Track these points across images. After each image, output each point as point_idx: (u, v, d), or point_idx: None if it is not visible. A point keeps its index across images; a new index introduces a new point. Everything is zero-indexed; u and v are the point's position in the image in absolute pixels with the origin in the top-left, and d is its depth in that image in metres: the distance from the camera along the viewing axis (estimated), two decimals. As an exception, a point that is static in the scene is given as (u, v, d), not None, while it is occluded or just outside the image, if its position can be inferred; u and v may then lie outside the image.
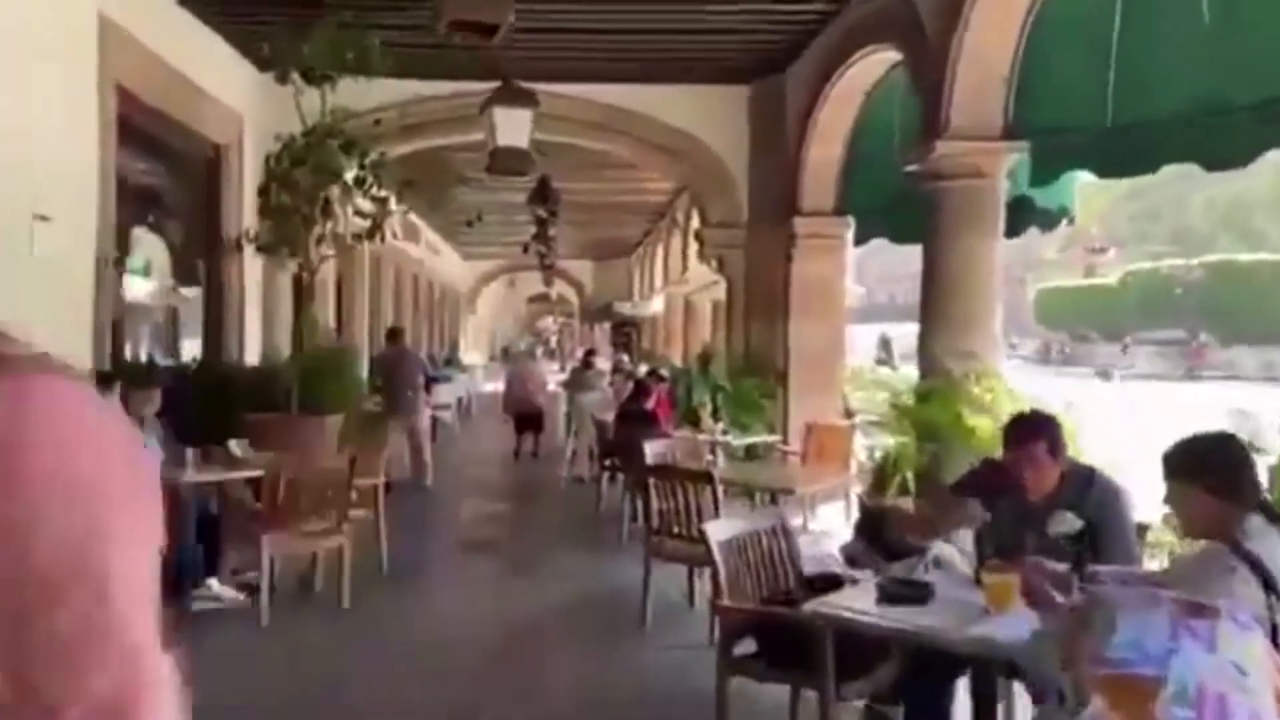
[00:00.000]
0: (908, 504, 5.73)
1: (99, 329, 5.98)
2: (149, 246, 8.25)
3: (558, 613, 5.87)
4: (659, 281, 20.55)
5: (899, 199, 7.00)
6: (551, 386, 20.52)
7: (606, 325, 29.26)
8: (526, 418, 12.93)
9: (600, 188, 15.86)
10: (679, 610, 5.47)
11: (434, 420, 14.23)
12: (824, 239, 8.86)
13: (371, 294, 15.46)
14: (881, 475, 6.69)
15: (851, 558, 4.91)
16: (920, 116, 5.96)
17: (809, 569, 3.72)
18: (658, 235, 20.96)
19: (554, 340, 48.06)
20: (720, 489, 5.09)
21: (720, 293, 13.04)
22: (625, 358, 15.03)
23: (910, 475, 6.14)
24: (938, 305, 5.88)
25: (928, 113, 5.82)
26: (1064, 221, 6.66)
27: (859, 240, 8.81)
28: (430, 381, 14.56)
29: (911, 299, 7.34)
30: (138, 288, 7.86)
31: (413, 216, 18.74)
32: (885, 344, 26.83)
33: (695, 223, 14.37)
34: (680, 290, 17.38)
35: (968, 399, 5.45)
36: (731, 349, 9.89)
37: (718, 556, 3.37)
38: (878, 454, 7.05)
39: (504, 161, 7.23)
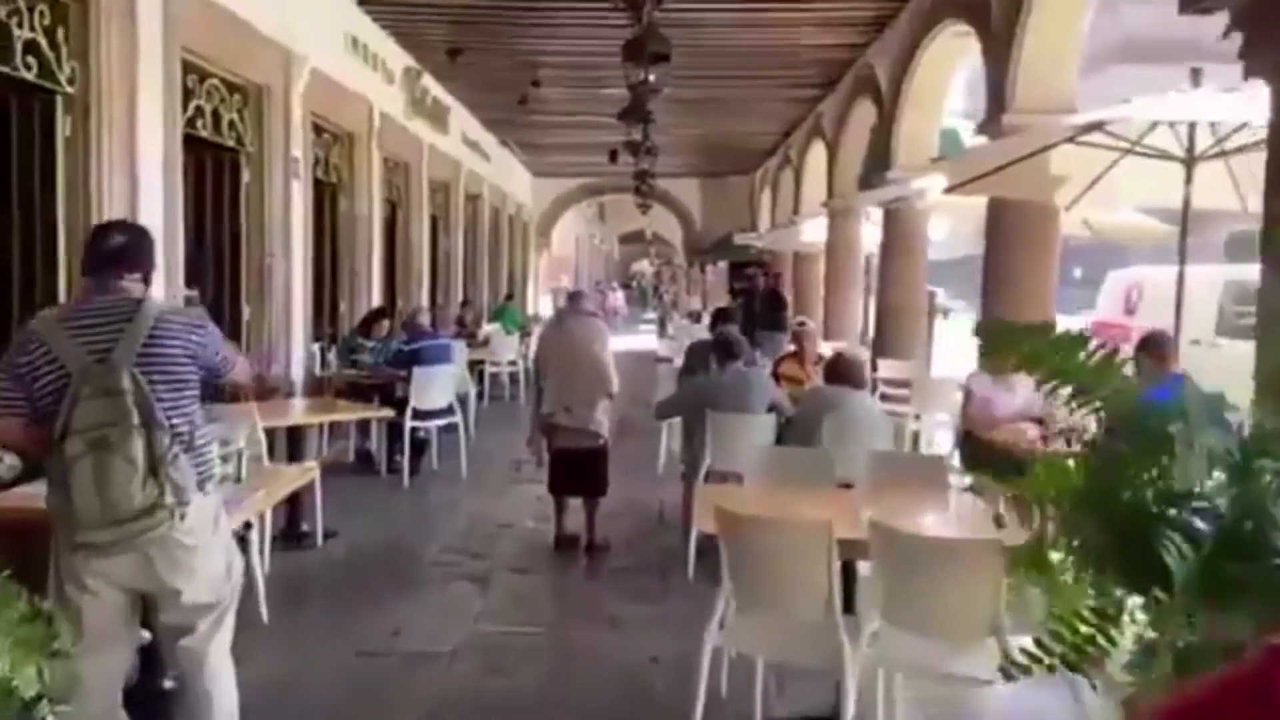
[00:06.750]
0: None
1: None
2: None
3: None
4: (819, 196, 13.23)
5: None
6: (656, 350, 13.55)
7: (722, 265, 22.01)
8: (570, 461, 5.68)
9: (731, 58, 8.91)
10: None
11: (407, 444, 7.32)
12: None
13: (328, 210, 8.72)
14: None
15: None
16: None
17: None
18: (815, 126, 13.65)
19: (649, 285, 41.09)
20: None
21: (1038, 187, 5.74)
22: (807, 323, 7.82)
23: None
24: None
25: None
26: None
27: None
28: (407, 359, 7.69)
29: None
30: None
31: (437, 89, 11.91)
32: None
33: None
34: (872, 203, 10.02)
35: None
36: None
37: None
38: None
39: None
